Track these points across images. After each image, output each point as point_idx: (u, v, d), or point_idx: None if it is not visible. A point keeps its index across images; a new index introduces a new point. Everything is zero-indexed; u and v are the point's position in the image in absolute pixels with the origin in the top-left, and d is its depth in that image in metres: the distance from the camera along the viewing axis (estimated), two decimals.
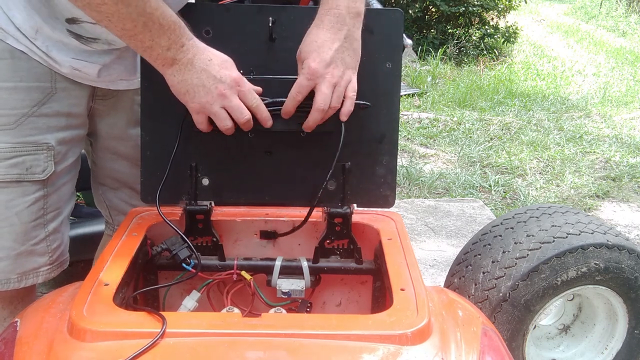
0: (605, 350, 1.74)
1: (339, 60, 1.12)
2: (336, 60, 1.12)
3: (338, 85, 1.12)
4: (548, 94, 6.44)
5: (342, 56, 1.12)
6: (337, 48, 1.12)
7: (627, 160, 4.41)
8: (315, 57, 1.10)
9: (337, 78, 1.12)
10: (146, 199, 1.25)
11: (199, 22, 1.20)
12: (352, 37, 1.13)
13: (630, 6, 12.51)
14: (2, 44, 1.14)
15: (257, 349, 0.86)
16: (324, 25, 1.12)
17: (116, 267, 1.05)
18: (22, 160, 1.19)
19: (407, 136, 4.79)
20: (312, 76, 1.11)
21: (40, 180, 1.22)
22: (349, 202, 1.25)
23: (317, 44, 1.11)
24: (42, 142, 1.21)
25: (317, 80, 1.11)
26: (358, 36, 1.14)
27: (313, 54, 1.11)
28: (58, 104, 1.22)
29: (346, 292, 1.33)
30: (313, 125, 1.15)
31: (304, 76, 1.11)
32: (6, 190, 1.19)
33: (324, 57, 1.11)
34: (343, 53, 1.12)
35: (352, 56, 1.14)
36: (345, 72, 1.13)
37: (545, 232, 1.61)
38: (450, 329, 0.95)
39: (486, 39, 8.43)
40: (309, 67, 1.10)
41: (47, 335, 0.91)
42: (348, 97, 1.14)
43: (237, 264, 1.21)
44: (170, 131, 1.22)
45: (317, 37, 1.12)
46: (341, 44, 1.12)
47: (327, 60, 1.11)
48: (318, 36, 1.12)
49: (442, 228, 3.20)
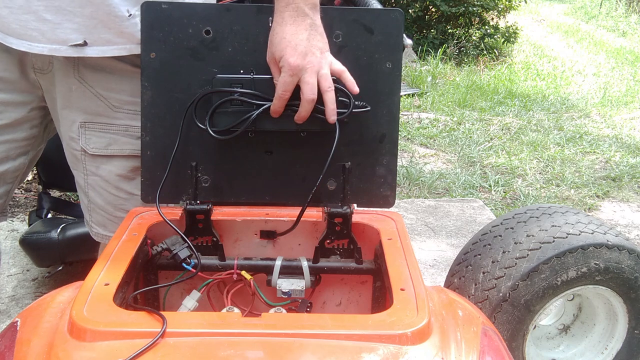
0: (605, 350, 1.74)
1: (313, 47, 1.13)
2: (310, 48, 1.13)
3: (321, 69, 1.13)
4: (548, 94, 6.44)
5: (313, 43, 1.13)
6: (307, 37, 1.13)
7: (627, 160, 4.42)
8: (291, 52, 1.11)
9: (318, 64, 1.13)
10: (146, 198, 1.25)
11: (200, 22, 1.20)
12: (315, 25, 1.15)
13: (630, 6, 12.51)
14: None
15: (257, 349, 0.86)
16: (286, 20, 1.13)
17: (116, 267, 1.05)
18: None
19: (407, 136, 4.79)
20: (293, 71, 1.12)
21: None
22: (349, 202, 1.25)
23: (287, 40, 1.12)
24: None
25: (300, 74, 1.12)
26: (320, 24, 1.16)
27: (287, 50, 1.12)
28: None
29: (346, 292, 1.33)
30: (306, 115, 1.16)
31: (285, 73, 1.12)
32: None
33: (299, 49, 1.12)
34: (313, 40, 1.13)
35: (322, 40, 1.15)
36: (323, 56, 1.14)
37: (545, 232, 1.61)
38: (450, 329, 0.95)
39: (486, 39, 8.43)
40: (288, 63, 1.11)
41: (47, 335, 0.91)
42: (325, 92, 1.15)
43: (237, 263, 1.21)
44: (171, 131, 1.22)
45: (284, 34, 1.13)
46: (309, 32, 1.13)
47: (303, 52, 1.12)
48: (285, 32, 1.13)
49: (442, 228, 3.20)
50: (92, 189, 1.40)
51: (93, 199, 1.41)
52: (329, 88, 1.14)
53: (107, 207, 1.41)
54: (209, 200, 1.25)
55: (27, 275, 2.65)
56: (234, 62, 1.21)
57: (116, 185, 1.38)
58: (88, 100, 1.30)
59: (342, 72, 1.16)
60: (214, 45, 1.21)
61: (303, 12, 1.13)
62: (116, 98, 1.31)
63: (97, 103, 1.31)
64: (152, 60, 1.22)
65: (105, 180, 1.38)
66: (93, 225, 1.45)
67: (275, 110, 1.16)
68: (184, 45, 1.21)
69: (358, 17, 1.22)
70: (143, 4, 1.20)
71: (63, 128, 1.36)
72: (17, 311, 2.36)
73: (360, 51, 1.22)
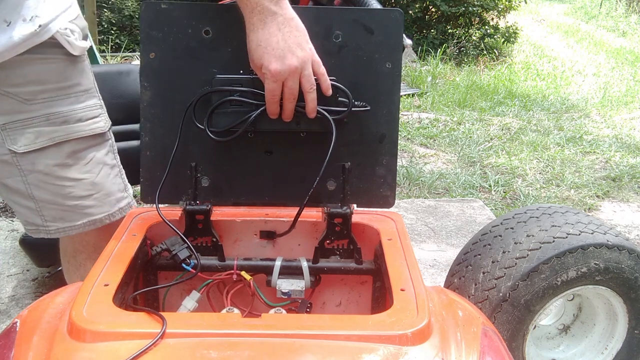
0: (605, 350, 1.74)
1: (291, 45, 1.12)
2: (288, 48, 1.12)
3: (303, 69, 1.13)
4: (548, 94, 6.44)
5: (290, 41, 1.12)
6: (282, 37, 1.12)
7: (627, 160, 4.42)
8: (269, 58, 1.11)
9: (299, 66, 1.12)
10: (146, 199, 1.25)
11: (199, 22, 1.20)
12: (286, 19, 1.13)
13: (630, 6, 12.51)
14: None
15: (256, 350, 0.85)
16: (256, 26, 1.12)
17: (116, 268, 1.05)
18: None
19: (407, 136, 4.79)
20: (275, 78, 1.12)
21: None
22: (349, 202, 1.24)
23: (263, 46, 1.11)
24: None
25: (282, 78, 1.12)
26: (291, 13, 1.13)
27: (265, 57, 1.11)
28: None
29: (346, 292, 1.33)
30: (290, 114, 1.17)
31: (269, 80, 1.12)
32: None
33: (276, 53, 1.11)
34: (289, 37, 1.12)
35: (297, 32, 1.13)
36: (303, 53, 1.13)
37: (545, 232, 1.61)
38: (450, 329, 0.95)
39: (486, 39, 8.43)
40: (269, 70, 1.11)
41: (46, 335, 0.91)
42: (306, 92, 1.15)
43: (236, 264, 1.21)
44: (170, 131, 1.22)
45: (258, 40, 1.12)
46: (281, 31, 1.12)
47: (281, 55, 1.11)
48: (258, 39, 1.12)
49: (442, 228, 3.20)
50: (35, 188, 1.38)
51: (40, 197, 1.39)
52: (311, 89, 1.14)
53: (57, 199, 1.39)
54: (208, 201, 1.25)
55: (27, 275, 2.65)
56: (233, 62, 1.21)
57: (57, 175, 1.37)
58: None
59: (321, 74, 1.16)
60: (213, 45, 1.21)
61: (270, 11, 1.11)
62: (25, 91, 1.30)
63: (9, 102, 1.29)
64: (151, 61, 1.21)
65: (45, 174, 1.36)
66: (49, 223, 1.43)
67: (270, 112, 1.17)
68: (183, 45, 1.21)
69: (358, 17, 1.22)
70: (143, 3, 1.20)
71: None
72: (17, 311, 2.36)
73: (360, 51, 1.22)
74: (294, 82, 1.13)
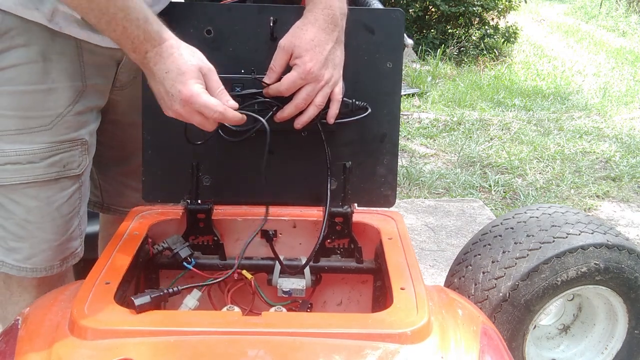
0: (605, 350, 1.74)
1: (330, 61, 1.14)
2: (329, 61, 1.13)
3: (326, 86, 1.14)
4: (548, 94, 6.44)
5: (333, 57, 1.14)
6: (330, 49, 1.13)
7: (627, 160, 4.42)
8: (312, 57, 1.11)
9: (327, 79, 1.14)
10: (147, 197, 1.25)
11: (200, 21, 1.21)
12: (340, 38, 1.16)
13: (630, 6, 12.51)
14: (34, 47, 1.11)
15: (257, 348, 0.86)
16: (319, 24, 1.13)
17: (117, 266, 1.05)
18: (59, 159, 1.19)
19: (407, 136, 4.79)
20: (306, 76, 1.12)
21: (77, 175, 1.23)
22: (350, 201, 1.25)
23: (314, 43, 1.12)
24: (77, 138, 1.21)
25: (310, 81, 1.12)
26: (343, 37, 1.17)
27: (309, 53, 1.12)
28: (89, 101, 1.22)
29: (347, 291, 1.34)
30: (288, 116, 1.16)
31: (298, 74, 1.12)
32: (45, 188, 1.20)
33: (319, 57, 1.12)
34: (334, 54, 1.14)
35: (340, 57, 1.17)
36: (334, 74, 1.15)
37: (545, 232, 1.61)
38: (450, 328, 0.95)
39: (486, 39, 8.43)
40: (305, 66, 1.11)
41: (48, 333, 0.91)
42: (335, 100, 1.16)
43: (238, 263, 1.21)
44: (172, 130, 1.22)
45: (313, 36, 1.12)
46: (333, 45, 1.14)
47: (322, 62, 1.12)
48: (315, 35, 1.12)
49: (442, 228, 3.21)
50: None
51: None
52: (318, 105, 1.15)
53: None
54: (210, 200, 1.25)
55: None
56: (235, 62, 1.21)
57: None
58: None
59: (335, 100, 1.17)
60: (215, 45, 1.21)
61: (336, 22, 1.13)
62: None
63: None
64: None
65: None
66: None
67: (284, 117, 1.16)
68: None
69: (359, 16, 1.22)
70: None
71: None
72: None
73: (361, 51, 1.22)
74: (313, 89, 1.13)
